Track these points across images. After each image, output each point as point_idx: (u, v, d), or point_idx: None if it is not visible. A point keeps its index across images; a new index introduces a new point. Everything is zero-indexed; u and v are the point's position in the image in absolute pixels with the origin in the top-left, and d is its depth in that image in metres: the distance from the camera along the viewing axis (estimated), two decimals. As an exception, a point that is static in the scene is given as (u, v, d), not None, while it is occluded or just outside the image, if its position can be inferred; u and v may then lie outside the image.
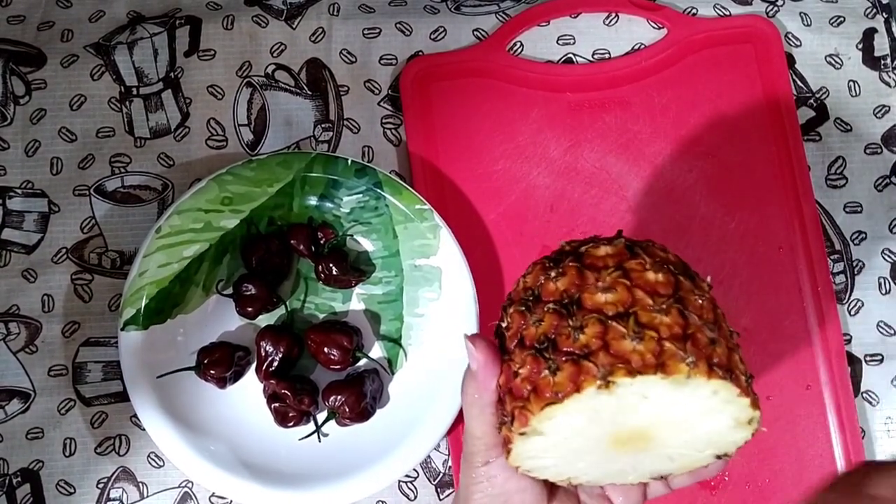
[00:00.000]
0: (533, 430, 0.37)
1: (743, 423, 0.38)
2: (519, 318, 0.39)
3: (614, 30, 0.68)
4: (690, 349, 0.36)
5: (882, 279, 0.66)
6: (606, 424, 0.37)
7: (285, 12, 0.68)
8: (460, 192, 0.65)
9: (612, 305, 0.37)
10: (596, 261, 0.39)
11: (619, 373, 0.35)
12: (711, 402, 0.37)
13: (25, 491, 0.62)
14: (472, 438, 0.42)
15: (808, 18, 0.69)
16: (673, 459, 0.41)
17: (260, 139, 0.67)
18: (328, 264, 0.61)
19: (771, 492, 0.62)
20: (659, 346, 0.35)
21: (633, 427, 0.38)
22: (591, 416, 0.37)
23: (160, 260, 0.61)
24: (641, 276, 0.38)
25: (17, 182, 0.65)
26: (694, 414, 0.37)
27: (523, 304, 0.40)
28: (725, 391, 0.36)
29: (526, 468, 0.41)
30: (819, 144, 0.67)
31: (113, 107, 0.67)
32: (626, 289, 0.37)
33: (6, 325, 0.64)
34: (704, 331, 0.37)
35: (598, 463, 0.41)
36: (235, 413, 0.62)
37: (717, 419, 0.38)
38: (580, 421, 0.37)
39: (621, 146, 0.66)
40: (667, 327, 0.36)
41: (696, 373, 0.35)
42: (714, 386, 0.36)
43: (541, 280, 0.40)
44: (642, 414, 0.37)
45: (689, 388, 0.36)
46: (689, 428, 0.38)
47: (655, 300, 0.37)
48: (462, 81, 0.67)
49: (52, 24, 0.68)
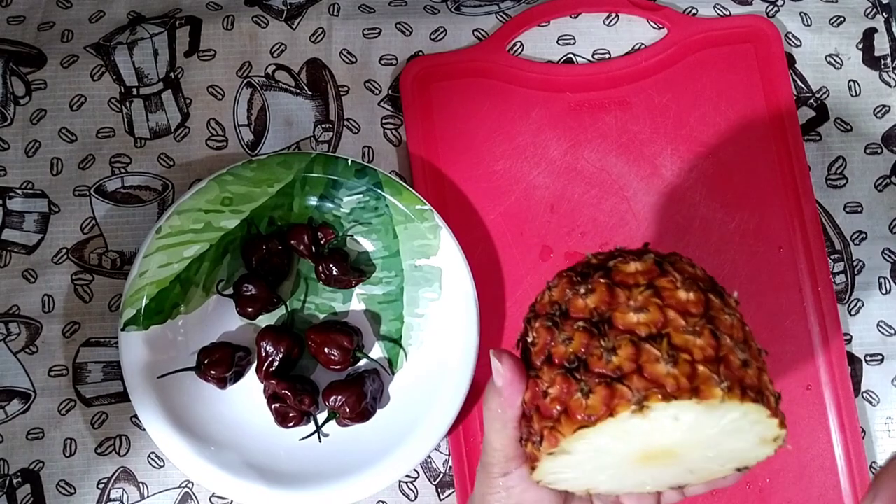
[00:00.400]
0: (562, 451, 0.37)
1: (769, 440, 0.39)
2: (546, 334, 0.39)
3: (614, 30, 0.68)
4: (724, 372, 0.35)
5: (882, 279, 0.66)
6: (634, 444, 0.37)
7: (285, 12, 0.68)
8: (460, 193, 0.65)
9: (645, 326, 0.36)
10: (626, 278, 0.38)
11: (654, 398, 0.34)
12: (741, 423, 0.37)
13: (26, 491, 0.62)
14: (492, 450, 0.42)
15: (808, 18, 0.69)
16: (693, 472, 0.41)
17: (260, 139, 0.67)
18: (328, 264, 0.61)
19: (771, 492, 0.62)
20: (692, 369, 0.35)
21: (661, 446, 0.38)
22: (621, 437, 0.36)
23: (160, 260, 0.61)
24: (673, 294, 0.37)
25: (18, 182, 0.65)
26: (722, 434, 0.37)
27: (550, 319, 0.39)
28: (756, 413, 0.36)
29: (547, 482, 0.41)
30: (819, 144, 0.67)
31: (113, 107, 0.67)
32: (658, 308, 0.37)
33: (6, 325, 0.64)
34: (736, 352, 0.37)
35: (619, 476, 0.41)
36: (236, 413, 0.62)
37: (744, 437, 0.38)
38: (609, 441, 0.37)
39: (621, 146, 0.66)
40: (700, 349, 0.36)
41: (730, 397, 0.35)
42: (746, 409, 0.36)
43: (568, 295, 0.39)
44: (672, 434, 0.37)
45: (722, 411, 0.36)
46: (714, 445, 0.38)
47: (688, 320, 0.37)
48: (462, 81, 0.67)
49: (53, 24, 0.68)
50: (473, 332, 0.60)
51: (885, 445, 0.63)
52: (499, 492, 0.42)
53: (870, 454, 0.63)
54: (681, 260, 0.40)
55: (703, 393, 0.35)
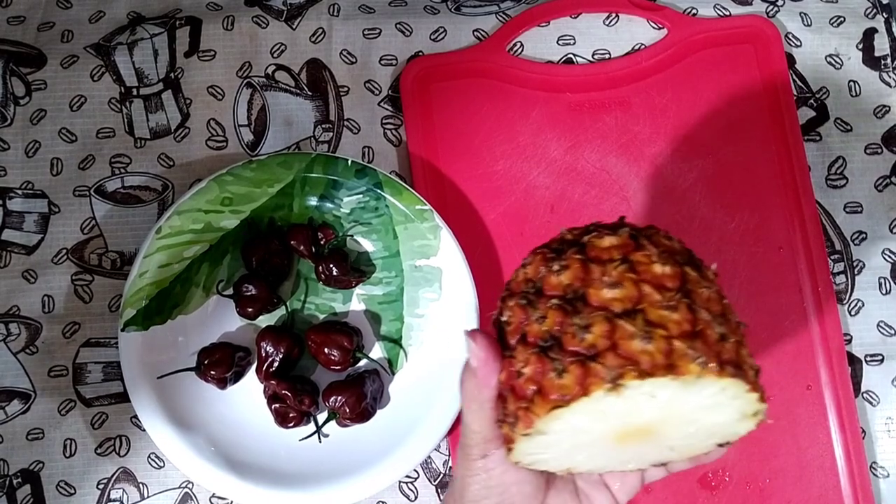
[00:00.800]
0: (537, 431, 0.37)
1: (749, 415, 0.38)
2: (520, 312, 0.38)
3: (614, 30, 0.68)
4: (700, 347, 0.35)
5: (882, 279, 0.66)
6: (611, 422, 0.37)
7: (285, 13, 0.68)
8: (460, 193, 0.65)
9: (619, 302, 0.36)
10: (601, 253, 0.38)
11: (629, 375, 0.34)
12: (719, 398, 0.36)
13: (26, 492, 0.62)
14: (470, 432, 0.42)
15: (808, 18, 0.69)
16: (674, 449, 0.41)
17: (260, 139, 0.67)
18: (328, 265, 0.61)
19: (771, 492, 0.62)
20: (668, 345, 0.35)
21: (639, 424, 0.37)
22: (596, 416, 0.36)
23: (160, 260, 0.61)
24: (648, 269, 0.37)
25: (18, 183, 0.65)
26: (700, 409, 0.37)
27: (524, 297, 0.38)
28: (734, 388, 0.36)
29: (526, 463, 0.40)
30: (819, 144, 0.67)
31: (113, 107, 0.67)
32: (633, 284, 0.36)
33: (6, 325, 0.64)
34: (713, 326, 0.36)
35: (599, 454, 0.40)
36: (236, 414, 0.62)
37: (724, 412, 0.38)
38: (585, 421, 0.36)
39: (621, 146, 0.66)
40: (676, 324, 0.35)
41: (707, 372, 0.34)
42: (724, 384, 0.35)
43: (542, 272, 0.38)
44: (649, 412, 0.36)
45: (699, 387, 0.35)
46: (694, 421, 0.38)
47: (663, 295, 0.36)
48: (462, 82, 0.67)
49: (53, 24, 0.68)
50: (473, 327, 0.60)
51: (885, 445, 0.63)
52: (478, 474, 0.42)
53: (870, 454, 0.63)
54: (657, 233, 0.40)
55: (679, 369, 0.34)
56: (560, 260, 0.38)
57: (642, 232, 0.39)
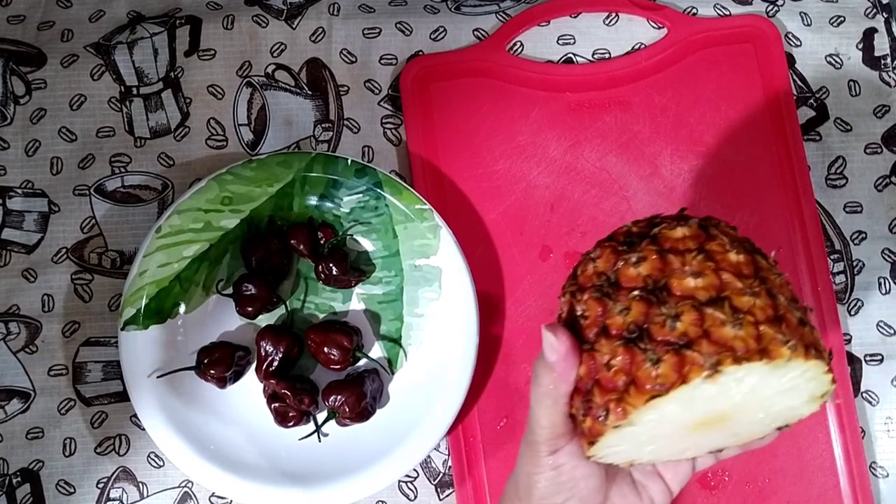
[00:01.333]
0: (629, 423, 0.36)
1: (818, 397, 0.39)
2: (597, 305, 0.38)
3: (614, 30, 0.68)
4: (787, 331, 0.36)
5: (882, 279, 0.66)
6: (697, 410, 0.37)
7: (285, 12, 0.68)
8: (460, 192, 0.65)
9: (704, 290, 0.36)
10: (676, 243, 0.38)
11: (727, 361, 0.34)
12: (798, 381, 0.37)
13: (25, 491, 0.62)
14: (539, 428, 0.41)
15: (808, 18, 0.69)
16: (737, 435, 0.42)
17: (260, 139, 0.67)
18: (328, 264, 0.61)
19: (771, 492, 0.62)
20: (757, 330, 0.35)
21: (720, 410, 0.38)
22: (687, 403, 0.36)
23: (160, 260, 0.61)
24: (724, 257, 0.37)
25: (18, 182, 0.65)
26: (779, 392, 0.37)
27: (598, 290, 0.38)
28: (816, 369, 0.36)
29: (601, 456, 0.40)
30: (819, 144, 0.67)
31: (113, 106, 0.67)
32: (713, 272, 0.36)
33: (6, 324, 0.64)
34: (792, 311, 0.37)
35: (667, 444, 0.41)
36: (235, 413, 0.62)
37: (799, 395, 0.38)
38: (676, 409, 0.36)
39: (621, 146, 0.66)
40: (761, 310, 0.36)
41: (796, 355, 0.35)
42: (808, 366, 0.36)
43: (617, 265, 0.38)
44: (733, 398, 0.37)
45: (785, 370, 0.36)
46: (769, 406, 0.39)
47: (744, 282, 0.36)
48: (462, 81, 0.67)
49: (53, 23, 0.68)
50: (473, 332, 0.60)
51: (884, 445, 0.63)
52: (547, 471, 0.42)
53: (869, 454, 0.63)
54: (720, 223, 0.40)
55: (772, 353, 0.35)
56: (634, 252, 0.38)
57: (710, 222, 0.40)
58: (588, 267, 0.40)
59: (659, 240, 0.38)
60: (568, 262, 0.65)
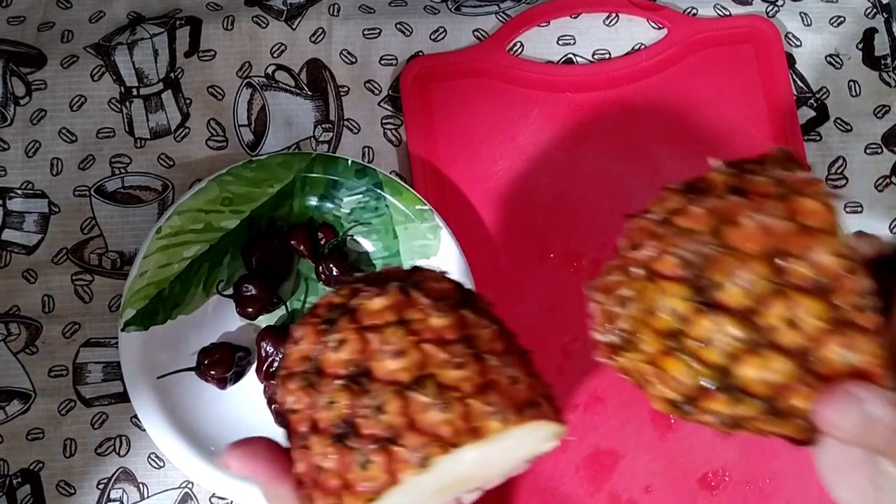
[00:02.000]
0: None
1: (551, 437, 0.37)
2: (304, 396, 0.35)
3: (614, 30, 0.68)
4: (495, 400, 0.33)
5: (882, 279, 0.66)
6: (427, 488, 0.35)
7: (285, 13, 0.68)
8: (460, 193, 0.65)
9: (406, 371, 0.33)
10: (373, 317, 0.35)
11: (434, 453, 0.32)
12: (525, 436, 0.35)
13: (26, 492, 0.62)
14: None
15: (808, 18, 0.69)
16: (489, 480, 0.41)
17: (260, 139, 0.67)
18: (328, 265, 0.61)
19: (771, 492, 0.62)
20: (465, 406, 0.33)
21: (454, 478, 0.36)
22: (411, 490, 0.34)
23: (160, 260, 0.61)
24: (426, 325, 0.34)
25: (18, 182, 0.65)
26: (510, 449, 0.36)
27: (305, 378, 0.35)
28: (535, 425, 0.35)
29: None
30: (819, 144, 0.67)
31: (113, 107, 0.67)
32: (414, 347, 0.34)
33: (6, 325, 0.64)
34: (502, 371, 0.35)
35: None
36: (236, 414, 0.62)
37: (531, 440, 0.37)
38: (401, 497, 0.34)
39: (621, 146, 0.66)
40: (467, 381, 0.34)
41: (508, 425, 0.33)
42: (526, 427, 0.34)
43: (318, 348, 0.35)
44: (461, 468, 0.35)
45: (503, 437, 0.34)
46: (506, 458, 0.38)
47: (448, 350, 0.34)
48: (462, 82, 0.67)
49: (53, 24, 0.68)
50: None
51: (885, 445, 0.63)
52: None
53: (870, 454, 0.63)
54: (425, 277, 0.38)
55: (481, 431, 0.33)
56: (334, 332, 0.35)
57: (411, 279, 0.37)
58: (294, 350, 0.36)
59: (357, 315, 0.35)
60: (568, 262, 0.65)
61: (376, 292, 0.36)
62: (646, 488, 0.62)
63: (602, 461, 0.62)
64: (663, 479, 0.62)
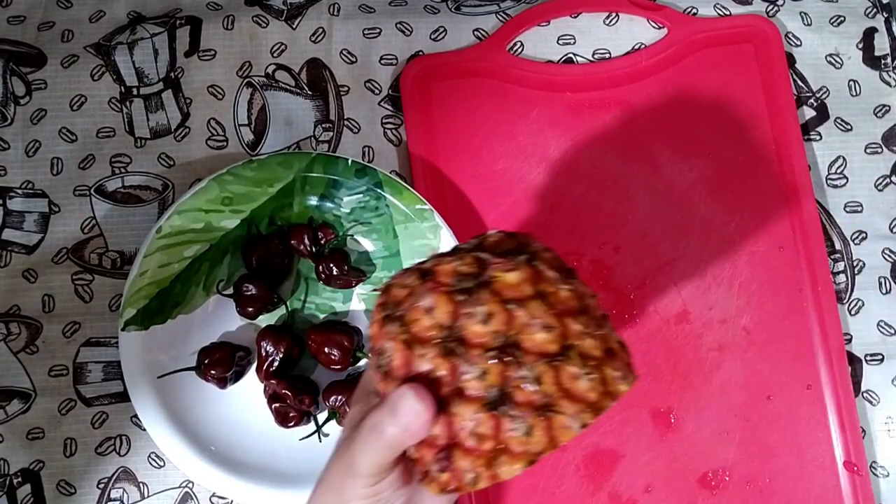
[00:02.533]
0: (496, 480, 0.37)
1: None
2: (446, 364, 0.36)
3: (614, 30, 0.68)
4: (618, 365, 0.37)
5: (882, 279, 0.66)
6: None
7: (285, 12, 0.68)
8: (460, 192, 0.65)
9: (553, 343, 0.36)
10: (513, 290, 0.37)
11: (587, 417, 0.36)
12: None
13: (26, 491, 0.62)
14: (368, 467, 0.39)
15: (808, 18, 0.69)
16: None
17: (260, 139, 0.67)
18: (329, 264, 0.61)
19: (771, 492, 0.62)
20: (600, 373, 0.36)
21: None
22: None
23: (161, 260, 0.61)
24: (558, 297, 0.37)
25: (18, 182, 0.65)
26: None
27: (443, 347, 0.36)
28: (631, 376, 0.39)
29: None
30: (819, 144, 0.67)
31: (113, 107, 0.67)
32: (555, 319, 0.36)
33: (7, 325, 0.64)
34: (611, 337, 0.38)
35: None
36: (236, 413, 0.62)
37: None
38: None
39: (621, 146, 0.66)
40: (597, 349, 0.37)
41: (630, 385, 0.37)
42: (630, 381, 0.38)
43: (461, 320, 0.36)
44: None
45: None
46: None
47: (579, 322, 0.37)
48: (462, 81, 0.67)
49: (53, 24, 0.68)
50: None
51: (885, 445, 0.63)
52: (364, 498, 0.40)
53: (870, 454, 0.63)
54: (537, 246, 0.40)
55: (615, 394, 0.37)
56: (476, 303, 0.36)
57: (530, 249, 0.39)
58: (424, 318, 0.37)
59: (496, 287, 0.37)
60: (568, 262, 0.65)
61: (507, 266, 0.37)
62: (646, 488, 0.62)
63: (602, 461, 0.62)
64: (663, 478, 0.62)
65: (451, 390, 0.36)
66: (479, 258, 0.38)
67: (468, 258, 0.38)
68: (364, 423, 0.38)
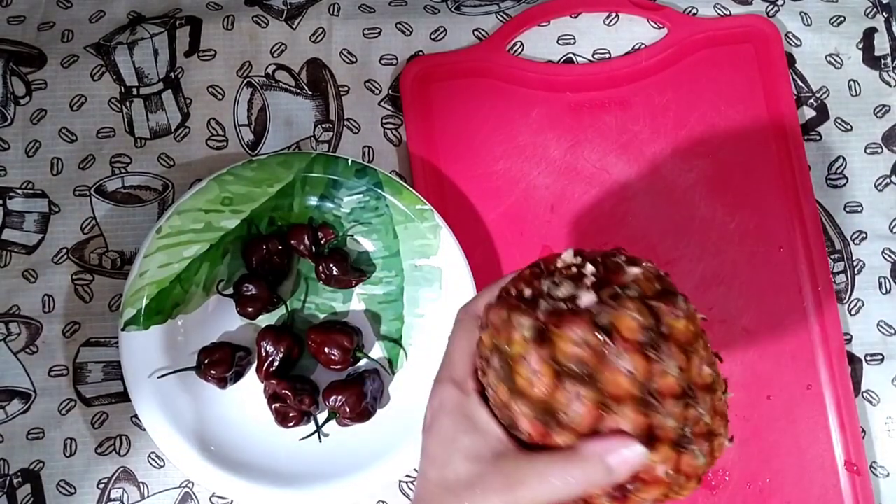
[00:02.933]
0: None
1: None
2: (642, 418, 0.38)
3: (614, 30, 0.68)
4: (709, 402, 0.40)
5: (882, 279, 0.66)
6: None
7: (285, 12, 0.68)
8: (460, 192, 0.65)
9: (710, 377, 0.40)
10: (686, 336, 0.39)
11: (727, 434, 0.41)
12: None
13: (26, 491, 0.62)
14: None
15: (808, 18, 0.69)
16: None
17: (260, 139, 0.67)
18: (328, 264, 0.61)
19: (771, 492, 0.62)
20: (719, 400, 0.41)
21: None
22: None
23: (161, 260, 0.61)
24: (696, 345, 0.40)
25: (18, 182, 0.65)
26: None
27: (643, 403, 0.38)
28: None
29: None
30: (819, 144, 0.67)
31: (113, 107, 0.67)
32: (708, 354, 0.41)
33: (7, 325, 0.64)
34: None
35: None
36: (236, 413, 0.62)
37: None
38: None
39: (621, 146, 0.66)
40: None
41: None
42: None
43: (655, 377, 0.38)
44: None
45: None
46: None
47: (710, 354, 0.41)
48: (462, 81, 0.67)
49: (53, 24, 0.68)
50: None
51: (885, 445, 0.63)
52: None
53: (870, 454, 0.63)
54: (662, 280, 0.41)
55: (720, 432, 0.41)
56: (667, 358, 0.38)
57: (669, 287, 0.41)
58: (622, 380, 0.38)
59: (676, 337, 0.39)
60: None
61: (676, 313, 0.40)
62: (646, 488, 0.62)
63: (602, 461, 0.62)
64: (663, 478, 0.62)
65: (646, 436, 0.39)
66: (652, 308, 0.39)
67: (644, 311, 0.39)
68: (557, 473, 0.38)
